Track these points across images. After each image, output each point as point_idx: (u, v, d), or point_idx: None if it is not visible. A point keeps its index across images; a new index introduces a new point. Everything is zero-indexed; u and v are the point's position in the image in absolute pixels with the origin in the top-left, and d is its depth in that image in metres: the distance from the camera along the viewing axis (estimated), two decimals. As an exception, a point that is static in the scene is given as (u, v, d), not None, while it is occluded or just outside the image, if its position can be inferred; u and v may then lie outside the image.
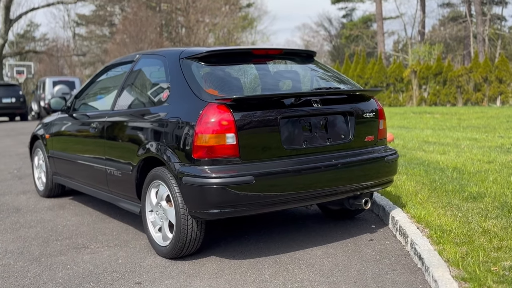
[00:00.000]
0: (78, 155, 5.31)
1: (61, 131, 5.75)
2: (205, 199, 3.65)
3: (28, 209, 5.82)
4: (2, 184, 7.38)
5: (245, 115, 3.72)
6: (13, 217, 5.49)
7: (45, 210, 5.75)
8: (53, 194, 6.27)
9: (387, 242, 4.28)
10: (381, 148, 4.46)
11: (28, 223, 5.22)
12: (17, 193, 6.71)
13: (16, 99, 23.91)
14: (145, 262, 3.99)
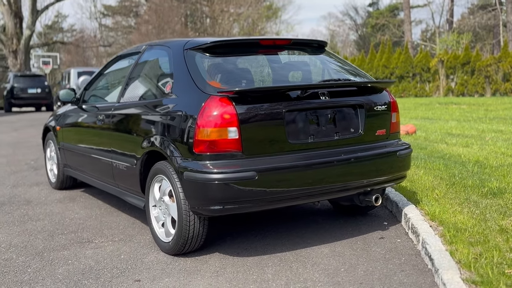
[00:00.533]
0: (86, 147, 5.24)
1: (70, 123, 5.69)
2: (206, 195, 3.53)
3: (38, 202, 5.79)
4: (17, 175, 7.39)
5: (248, 108, 3.58)
6: (22, 209, 5.46)
7: (55, 203, 5.71)
8: (64, 186, 6.23)
9: (398, 240, 4.11)
10: (394, 142, 4.28)
11: (37, 216, 5.19)
12: (30, 185, 6.70)
13: (41, 89, 24.14)
14: (147, 258, 3.90)
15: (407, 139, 9.58)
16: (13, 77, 24.41)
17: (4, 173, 7.66)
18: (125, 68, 5.00)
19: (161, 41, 4.57)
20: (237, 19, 42.52)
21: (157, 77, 4.41)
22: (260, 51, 4.27)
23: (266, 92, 3.67)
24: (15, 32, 34.70)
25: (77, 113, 5.53)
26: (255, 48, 4.23)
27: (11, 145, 11.14)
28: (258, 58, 4.29)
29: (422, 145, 8.52)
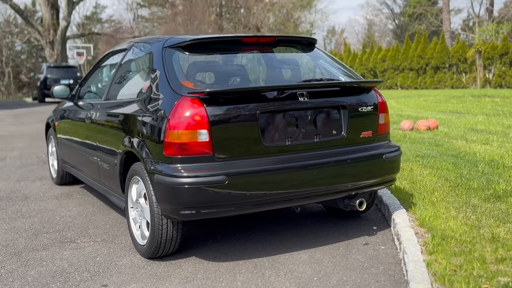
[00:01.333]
0: (77, 145, 5.23)
1: (65, 120, 5.68)
2: (176, 199, 3.43)
3: (35, 198, 5.81)
4: (24, 169, 7.47)
5: (220, 110, 3.46)
6: (17, 205, 5.49)
7: (51, 199, 5.72)
8: (64, 182, 6.25)
9: (382, 247, 3.93)
10: (381, 145, 4.09)
11: (29, 213, 5.20)
12: (33, 180, 6.75)
13: (74, 80, 24.50)
14: (122, 261, 3.84)
15: (427, 134, 9.30)
16: (46, 68, 24.87)
17: (14, 166, 7.76)
18: (114, 65, 4.94)
19: (145, 38, 4.49)
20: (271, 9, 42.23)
21: (138, 75, 4.33)
22: (243, 49, 4.13)
23: (239, 93, 3.53)
24: (51, 23, 35.33)
25: (71, 110, 5.52)
26: (237, 46, 4.09)
27: (30, 137, 11.31)
28: (239, 57, 4.16)
29: (439, 142, 8.24)
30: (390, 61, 32.59)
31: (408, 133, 9.63)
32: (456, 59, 29.40)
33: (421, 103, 17.64)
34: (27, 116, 16.84)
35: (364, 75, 34.19)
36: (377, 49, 33.98)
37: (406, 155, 7.01)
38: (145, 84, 3.98)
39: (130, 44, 4.65)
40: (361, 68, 34.17)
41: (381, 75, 33.29)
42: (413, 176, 5.75)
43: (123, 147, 4.02)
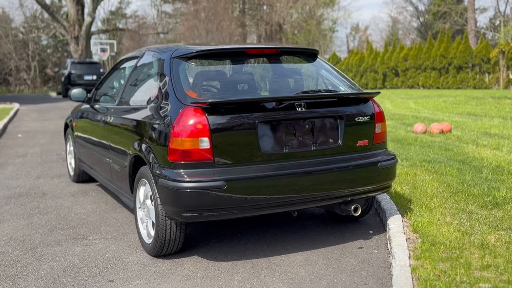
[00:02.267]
0: (92, 145, 5.51)
1: (82, 121, 5.98)
2: (177, 202, 3.68)
3: (53, 194, 6.12)
4: (44, 166, 7.81)
5: (221, 119, 3.69)
6: (36, 202, 5.80)
7: (67, 196, 6.03)
8: (81, 180, 6.56)
9: (375, 251, 4.13)
10: (377, 153, 4.28)
11: (46, 209, 5.51)
12: (52, 176, 7.08)
13: (97, 76, 25.01)
14: (129, 258, 4.10)
15: (439, 138, 9.41)
16: (70, 63, 25.42)
17: (34, 163, 8.11)
18: (127, 71, 5.20)
19: (157, 47, 4.72)
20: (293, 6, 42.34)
21: (148, 83, 4.58)
22: (247, 60, 4.36)
23: (239, 104, 3.76)
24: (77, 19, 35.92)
25: (88, 112, 5.80)
26: (242, 57, 4.32)
27: (52, 133, 11.70)
28: (243, 67, 4.38)
29: (449, 146, 8.36)
30: (412, 60, 32.48)
31: (421, 136, 9.74)
32: (479, 59, 29.19)
33: (440, 105, 17.65)
34: (50, 111, 17.30)
35: (385, 73, 34.15)
36: (399, 48, 33.87)
37: (413, 159, 7.16)
38: (153, 92, 4.23)
39: (142, 52, 4.91)
40: (382, 66, 34.12)
41: (403, 74, 33.21)
42: (415, 181, 5.92)
43: (132, 150, 4.28)
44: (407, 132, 10.42)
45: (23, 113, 17.28)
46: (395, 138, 9.51)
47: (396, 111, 15.62)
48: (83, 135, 5.91)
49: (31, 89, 44.45)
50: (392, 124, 11.84)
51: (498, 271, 3.54)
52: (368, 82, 35.20)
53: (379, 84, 34.55)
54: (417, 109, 16.07)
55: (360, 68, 35.79)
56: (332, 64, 38.20)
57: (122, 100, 4.87)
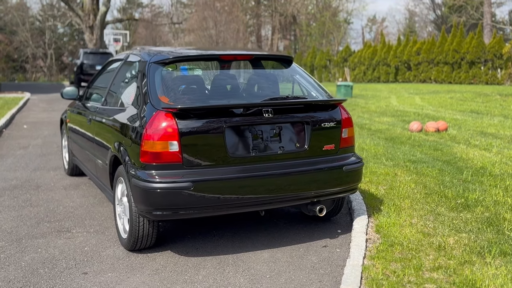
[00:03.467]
0: (81, 142, 5.79)
1: (74, 118, 6.25)
2: (148, 201, 3.93)
3: (46, 187, 6.42)
4: (43, 158, 8.13)
5: (190, 124, 3.93)
6: (29, 194, 6.10)
7: (59, 189, 6.32)
8: (74, 173, 6.85)
9: (337, 250, 4.35)
10: (343, 157, 4.48)
11: (37, 202, 5.80)
12: (48, 169, 7.38)
13: (108, 66, 25.36)
14: (106, 252, 4.37)
15: (433, 137, 9.56)
16: (83, 53, 25.81)
17: (34, 155, 8.43)
18: (112, 73, 5.46)
19: (140, 51, 4.94)
20: (308, -3, 42.31)
21: (128, 86, 4.82)
22: (222, 65, 4.58)
23: (208, 110, 3.99)
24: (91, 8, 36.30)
25: (79, 110, 6.08)
26: (216, 63, 4.55)
27: (57, 124, 12.02)
28: (217, 73, 4.60)
29: (439, 146, 8.52)
30: (424, 54, 32.43)
31: (415, 134, 9.90)
32: (492, 54, 29.07)
33: (446, 101, 17.72)
34: (60, 102, 17.66)
35: (398, 67, 34.09)
36: (412, 42, 33.79)
37: (398, 159, 7.35)
38: (132, 95, 4.48)
39: (126, 55, 5.15)
40: (395, 60, 34.09)
41: (415, 68, 33.14)
42: (393, 182, 6.11)
43: (112, 149, 4.54)
44: (403, 130, 10.58)
45: (33, 103, 17.69)
46: (389, 136, 9.69)
47: (400, 107, 15.74)
48: (75, 131, 6.19)
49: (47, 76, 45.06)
50: (391, 122, 12.00)
51: (447, 272, 3.75)
52: (380, 75, 35.20)
53: (391, 77, 34.53)
54: (422, 106, 16.17)
55: (373, 62, 35.78)
56: (345, 57, 38.20)
57: (106, 101, 5.13)
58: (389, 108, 15.48)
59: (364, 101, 18.22)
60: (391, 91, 24.12)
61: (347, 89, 20.13)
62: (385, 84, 32.48)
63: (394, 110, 14.65)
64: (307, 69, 40.46)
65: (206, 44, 34.66)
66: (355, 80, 36.27)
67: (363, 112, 14.31)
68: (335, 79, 37.97)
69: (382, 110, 14.84)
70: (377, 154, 7.80)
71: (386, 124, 11.49)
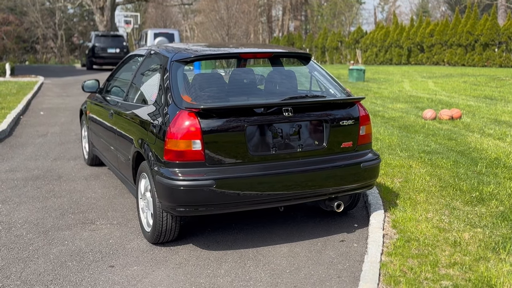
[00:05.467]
0: (102, 135, 5.95)
1: (94, 110, 6.40)
2: (172, 198, 4.09)
3: (68, 177, 6.60)
4: (62, 147, 8.31)
5: (212, 123, 4.06)
6: (51, 185, 6.29)
7: (81, 180, 6.50)
8: (94, 163, 7.03)
9: (355, 245, 4.50)
10: (361, 154, 4.60)
11: (60, 193, 5.98)
12: (68, 159, 7.56)
13: (120, 49, 25.55)
14: (130, 245, 4.54)
15: (447, 125, 9.63)
16: (94, 36, 25.97)
17: (53, 143, 8.62)
18: (133, 67, 5.59)
19: (160, 49, 5.06)
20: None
21: (150, 83, 4.95)
22: (242, 64, 4.69)
23: (229, 109, 4.12)
24: (102, -11, 36.34)
25: (99, 102, 6.22)
26: (237, 61, 4.66)
27: (73, 111, 12.22)
28: (237, 71, 4.71)
29: (454, 135, 8.59)
30: (438, 36, 32.19)
31: (429, 123, 9.96)
32: (507, 36, 28.81)
33: (459, 86, 17.70)
34: (74, 86, 17.85)
35: (410, 49, 33.91)
36: (425, 23, 33.55)
37: (413, 150, 7.44)
38: (154, 93, 4.61)
39: (148, 51, 5.27)
40: (407, 42, 33.89)
41: (428, 50, 32.94)
42: (408, 175, 6.23)
43: (135, 145, 4.69)
44: (417, 117, 10.64)
45: (47, 87, 17.88)
46: (403, 124, 9.76)
47: (413, 92, 15.75)
48: (95, 123, 6.34)
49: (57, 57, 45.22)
50: (404, 108, 12.05)
51: (463, 269, 3.88)
52: (393, 57, 35.03)
53: (404, 59, 34.37)
54: (435, 91, 16.17)
55: (385, 43, 35.60)
56: (356, 38, 38.03)
57: (128, 96, 5.27)
58: (402, 93, 15.51)
59: (377, 85, 18.24)
60: (403, 74, 24.07)
61: (360, 73, 20.13)
62: (398, 66, 32.37)
63: (407, 96, 14.69)
64: (318, 51, 40.34)
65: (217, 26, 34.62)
66: (367, 62, 36.15)
67: (376, 98, 14.35)
68: (347, 61, 37.87)
69: (395, 95, 14.88)
70: (391, 144, 7.89)
71: (400, 111, 11.55)
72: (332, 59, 39.60)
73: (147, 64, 5.20)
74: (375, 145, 7.76)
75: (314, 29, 49.01)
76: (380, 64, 35.63)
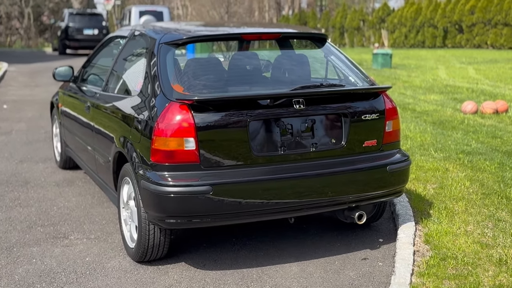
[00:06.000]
0: (77, 132, 5.97)
1: (68, 103, 6.42)
2: (160, 207, 4.09)
3: (36, 183, 6.63)
4: (29, 147, 8.35)
5: (208, 117, 4.06)
6: (17, 192, 6.31)
7: (51, 186, 6.52)
8: (68, 166, 7.05)
9: (380, 263, 4.50)
10: (387, 155, 4.59)
11: (27, 201, 6.00)
12: (37, 161, 7.59)
13: (99, 30, 25.63)
14: (110, 263, 4.55)
15: (490, 121, 9.62)
16: (68, 15, 26.04)
17: (19, 143, 8.66)
18: (114, 52, 5.60)
19: (147, 29, 5.06)
20: None
21: (134, 70, 4.95)
22: (244, 46, 4.69)
23: (229, 101, 4.12)
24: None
25: (73, 93, 6.24)
26: (237, 44, 4.66)
27: (42, 104, 12.26)
28: (238, 56, 4.72)
29: (499, 133, 8.58)
30: (480, 14, 32.17)
31: (469, 117, 9.95)
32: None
33: (505, 73, 17.68)
34: (44, 74, 17.89)
35: (447, 29, 33.88)
36: (465, -2, 33.52)
37: (450, 150, 7.44)
38: (139, 81, 4.62)
39: (131, 32, 5.28)
40: (443, 21, 33.87)
41: (468, 31, 32.91)
42: (444, 179, 6.22)
43: (116, 144, 4.70)
44: (455, 111, 10.63)
45: (11, 75, 17.95)
46: (438, 119, 9.76)
47: (450, 81, 15.75)
48: (69, 118, 6.35)
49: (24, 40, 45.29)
50: (439, 100, 12.05)
51: (509, 292, 3.87)
52: (425, 39, 35.01)
53: (439, 42, 34.35)
54: (477, 79, 16.15)
55: (416, 22, 35.57)
56: (382, 16, 38.00)
57: (107, 86, 5.28)
58: (437, 82, 15.50)
59: (406, 73, 18.24)
60: (438, 59, 24.06)
61: (386, 58, 20.15)
62: (431, 50, 32.37)
63: (443, 85, 14.68)
64: (335, 31, 40.35)
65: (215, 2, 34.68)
66: (394, 45, 36.13)
67: (405, 87, 14.35)
68: (370, 43, 37.84)
69: (428, 85, 14.87)
70: (423, 143, 7.89)
71: (434, 104, 11.55)
72: (353, 42, 39.57)
73: (130, 47, 5.21)
74: (404, 144, 7.75)
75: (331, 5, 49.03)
76: (410, 48, 35.60)
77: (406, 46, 36.16)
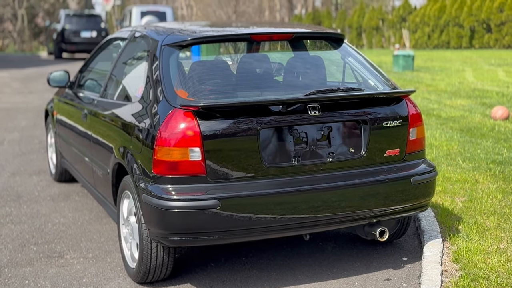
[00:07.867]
0: (73, 143, 5.95)
1: (63, 110, 6.42)
2: (163, 224, 4.05)
3: (29, 197, 6.62)
4: (22, 158, 8.35)
5: (215, 125, 4.02)
6: (8, 207, 6.30)
7: (46, 201, 6.51)
8: (64, 179, 7.04)
9: (404, 285, 4.44)
10: (411, 165, 4.54)
11: (19, 218, 5.99)
12: (30, 173, 7.59)
13: (97, 32, 25.73)
14: (109, 285, 4.52)
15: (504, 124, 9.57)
16: (64, 16, 26.17)
17: (11, 154, 8.67)
18: (113, 55, 5.59)
19: (149, 29, 5.04)
20: None
21: (135, 74, 4.94)
22: (255, 48, 4.67)
23: (237, 107, 4.09)
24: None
25: (69, 100, 6.24)
26: (246, 45, 4.64)
27: (36, 112, 12.30)
28: (248, 58, 4.69)
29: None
30: (509, 11, 32.08)
31: (500, 123, 9.88)
32: None
33: (538, 75, 17.57)
34: (38, 79, 17.97)
35: (473, 29, 33.80)
36: (494, -5, 33.44)
37: (479, 160, 7.37)
38: (140, 86, 4.60)
39: (132, 34, 5.27)
40: (470, 19, 33.81)
41: (497, 30, 32.83)
42: (474, 192, 6.16)
43: (115, 155, 4.67)
44: (484, 117, 10.57)
45: (4, 81, 18.05)
46: (465, 126, 9.70)
47: (477, 84, 15.67)
48: (65, 127, 6.35)
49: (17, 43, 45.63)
50: (467, 105, 11.98)
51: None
52: (450, 39, 34.95)
53: (465, 42, 34.27)
54: (507, 82, 16.07)
55: (440, 21, 35.51)
56: (403, 15, 37.98)
57: (106, 92, 5.26)
58: (464, 86, 15.43)
59: (430, 76, 18.17)
60: (465, 61, 23.97)
61: (407, 60, 20.08)
62: (457, 51, 32.28)
63: (471, 89, 14.61)
64: (353, 31, 40.37)
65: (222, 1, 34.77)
66: (416, 45, 36.07)
67: (429, 92, 14.29)
68: (390, 44, 37.79)
69: (454, 89, 14.81)
70: (450, 152, 7.83)
71: (461, 109, 11.48)
72: (371, 43, 39.54)
73: (130, 49, 5.20)
74: (429, 154, 7.70)
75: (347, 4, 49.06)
76: (434, 49, 35.53)
77: (429, 47, 36.08)
